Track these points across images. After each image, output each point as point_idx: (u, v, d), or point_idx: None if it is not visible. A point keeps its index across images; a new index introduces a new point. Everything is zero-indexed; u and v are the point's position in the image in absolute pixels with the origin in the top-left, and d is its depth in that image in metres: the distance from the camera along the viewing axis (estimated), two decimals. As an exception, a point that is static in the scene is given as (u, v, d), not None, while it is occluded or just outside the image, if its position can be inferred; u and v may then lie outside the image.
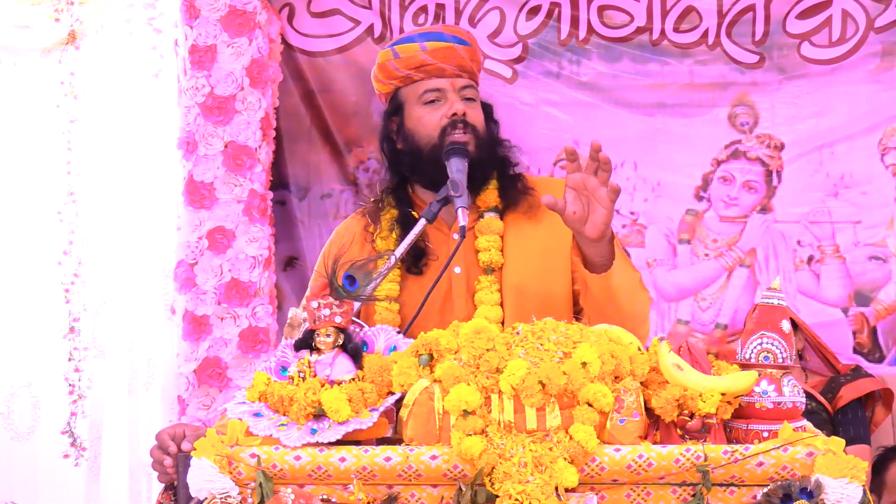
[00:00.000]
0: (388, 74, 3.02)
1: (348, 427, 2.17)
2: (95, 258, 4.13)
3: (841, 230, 4.10)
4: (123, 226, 4.15)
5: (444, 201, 2.81)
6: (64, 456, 4.07)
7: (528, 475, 2.09)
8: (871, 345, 4.11)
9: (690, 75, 4.11)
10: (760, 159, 4.12)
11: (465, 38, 3.05)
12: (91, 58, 4.10)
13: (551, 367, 2.14)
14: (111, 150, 4.14)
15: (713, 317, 4.15)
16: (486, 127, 2.99)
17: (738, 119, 4.12)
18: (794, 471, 2.11)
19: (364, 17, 4.14)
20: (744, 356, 2.26)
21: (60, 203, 4.11)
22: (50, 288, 4.11)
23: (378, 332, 2.36)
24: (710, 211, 4.15)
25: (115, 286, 4.14)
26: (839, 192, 4.09)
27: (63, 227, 4.11)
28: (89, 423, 4.11)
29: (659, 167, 4.15)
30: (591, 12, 4.10)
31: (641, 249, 4.16)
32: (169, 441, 2.37)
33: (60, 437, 4.07)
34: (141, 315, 4.14)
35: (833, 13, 4.04)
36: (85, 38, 4.06)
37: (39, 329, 4.12)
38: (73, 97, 4.09)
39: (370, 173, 4.19)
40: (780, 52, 4.07)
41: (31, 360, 4.13)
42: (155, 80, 4.09)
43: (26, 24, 4.03)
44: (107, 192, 4.14)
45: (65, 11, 4.03)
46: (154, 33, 4.06)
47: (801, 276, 4.13)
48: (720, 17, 4.06)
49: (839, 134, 4.08)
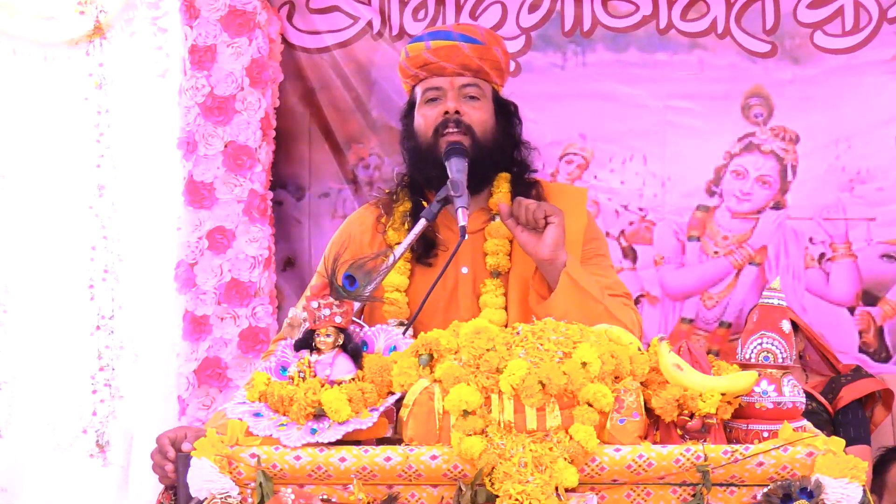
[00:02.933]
0: (404, 73, 3.04)
1: (348, 427, 2.17)
2: (130, 254, 4.08)
3: (854, 227, 4.03)
4: (145, 222, 4.09)
5: (444, 201, 2.81)
6: (89, 456, 4.04)
7: (528, 475, 2.09)
8: (877, 345, 4.07)
9: (700, 65, 4.04)
10: (775, 153, 4.05)
11: (478, 37, 2.99)
12: (119, 49, 4.07)
13: (551, 367, 2.14)
14: (139, 144, 4.09)
15: (718, 315, 4.09)
16: (496, 126, 2.97)
17: (751, 111, 4.05)
18: (794, 471, 2.11)
19: (363, 14, 4.14)
20: (744, 356, 2.26)
21: (93, 196, 4.07)
22: (80, 283, 4.06)
23: (378, 332, 2.36)
24: (722, 207, 4.08)
25: (146, 283, 4.07)
26: (854, 187, 4.02)
27: (95, 222, 4.07)
28: (122, 426, 4.05)
29: (669, 161, 4.07)
30: (595, 2, 4.05)
31: (649, 247, 4.09)
32: (168, 446, 2.36)
33: (83, 436, 4.04)
34: (143, 314, 4.09)
35: (845, 3, 3.98)
36: (112, 29, 4.05)
37: (70, 325, 4.07)
38: (100, 88, 4.06)
39: (371, 170, 4.18)
40: (792, 42, 4.01)
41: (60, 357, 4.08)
42: (161, 80, 4.07)
43: (52, 14, 4.02)
44: (137, 186, 4.08)
45: (89, 4, 4.01)
46: (159, 32, 4.05)
47: (811, 275, 4.07)
48: (728, 5, 4.00)
49: (855, 127, 4.01)
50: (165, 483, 2.36)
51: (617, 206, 4.10)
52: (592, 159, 4.10)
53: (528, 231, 2.78)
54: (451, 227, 2.90)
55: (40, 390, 4.08)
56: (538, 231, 2.77)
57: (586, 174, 4.10)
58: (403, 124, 3.05)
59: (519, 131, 3.04)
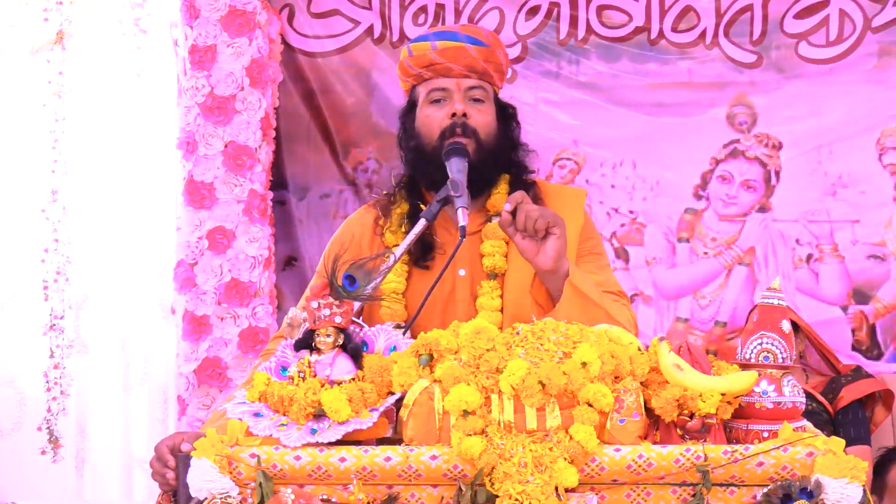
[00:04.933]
0: (405, 72, 3.01)
1: (348, 427, 2.17)
2: (80, 256, 4.16)
3: (839, 229, 4.12)
4: (110, 224, 4.17)
5: (444, 201, 2.80)
6: (41, 452, 4.09)
7: (528, 475, 2.09)
8: (869, 342, 4.13)
9: (689, 75, 4.13)
10: (759, 159, 4.14)
11: (483, 38, 2.98)
12: (79, 57, 4.12)
13: (551, 367, 2.14)
14: (97, 150, 4.16)
15: (712, 314, 4.17)
16: (497, 129, 2.96)
17: (736, 118, 4.14)
18: (794, 471, 2.11)
19: (364, 18, 4.15)
20: (744, 356, 2.26)
21: (45, 201, 4.13)
22: (33, 284, 4.13)
23: (378, 332, 2.35)
24: (709, 210, 4.17)
25: (101, 284, 4.17)
26: (837, 191, 4.11)
27: (47, 226, 4.13)
28: (74, 420, 4.13)
29: (658, 166, 4.17)
30: (589, 12, 4.12)
31: (640, 248, 4.18)
32: (168, 455, 2.35)
33: (37, 433, 4.10)
34: (132, 313, 4.17)
35: (830, 13, 4.05)
36: (72, 38, 4.08)
37: (22, 325, 4.15)
38: (59, 97, 4.10)
39: (369, 173, 4.19)
40: (777, 52, 4.10)
41: (15, 356, 4.17)
42: (138, 79, 4.10)
43: (13, 23, 4.04)
44: (92, 191, 4.17)
45: (54, 11, 4.04)
46: (140, 34, 4.07)
47: (800, 275, 4.15)
48: (718, 16, 4.08)
49: (837, 134, 4.10)
50: (166, 489, 2.36)
51: (608, 208, 4.19)
52: (584, 164, 4.20)
53: (529, 238, 2.70)
54: (449, 228, 2.90)
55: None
56: (538, 239, 2.70)
57: (578, 178, 4.19)
58: (403, 123, 3.04)
59: (518, 133, 3.04)
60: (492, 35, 3.05)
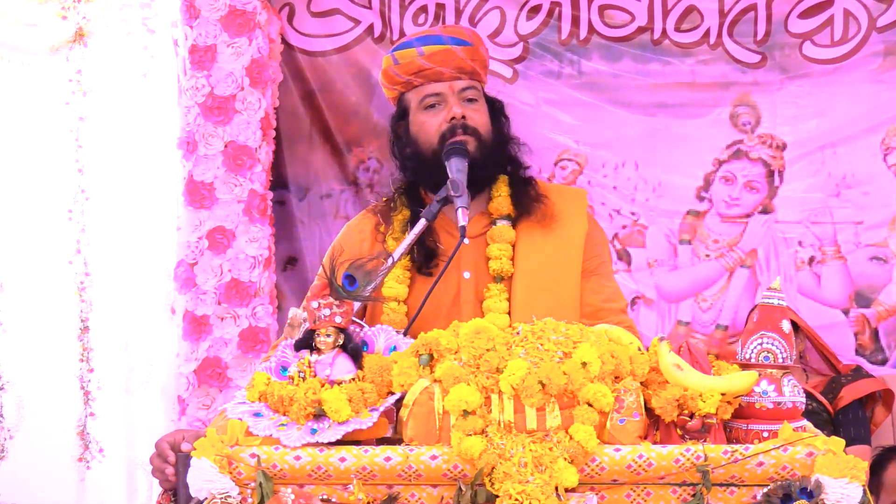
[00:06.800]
0: (391, 80, 3.01)
1: (348, 427, 2.17)
2: (104, 257, 4.14)
3: (842, 230, 4.10)
4: (130, 224, 4.16)
5: (444, 201, 2.80)
6: (79, 459, 4.09)
7: (528, 475, 2.09)
8: (873, 347, 4.10)
9: (692, 75, 4.11)
10: (762, 159, 4.12)
11: (466, 37, 3.00)
12: (99, 55, 4.10)
13: (551, 367, 2.14)
14: (116, 149, 4.15)
15: (714, 318, 4.15)
16: (492, 126, 2.97)
17: (739, 119, 4.12)
18: (794, 471, 2.11)
19: (364, 17, 4.14)
20: (744, 356, 2.26)
21: (71, 201, 4.11)
22: (61, 287, 4.11)
23: (378, 332, 2.36)
24: (712, 211, 4.15)
25: (122, 286, 4.14)
26: (841, 192, 4.09)
27: (73, 226, 4.12)
28: (99, 423, 4.13)
29: (660, 167, 4.15)
30: (591, 12, 4.09)
31: (642, 250, 4.16)
32: (168, 451, 2.36)
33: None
34: (142, 314, 4.15)
35: (835, 13, 4.03)
36: (93, 35, 4.07)
37: (52, 329, 4.13)
38: (81, 94, 4.09)
39: (370, 173, 4.19)
40: (781, 52, 4.07)
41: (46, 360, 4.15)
42: (144, 79, 4.10)
43: (33, 22, 4.04)
44: (115, 191, 4.14)
45: (72, 9, 4.04)
46: (147, 33, 4.07)
47: (802, 277, 4.12)
48: (721, 16, 4.06)
49: (841, 134, 4.08)
50: (166, 486, 2.36)
51: (610, 210, 4.17)
52: (586, 165, 4.17)
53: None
54: (451, 232, 2.89)
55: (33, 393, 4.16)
56: None
57: (580, 179, 4.16)
58: (395, 131, 3.03)
59: (508, 127, 3.03)
60: (472, 32, 3.09)
